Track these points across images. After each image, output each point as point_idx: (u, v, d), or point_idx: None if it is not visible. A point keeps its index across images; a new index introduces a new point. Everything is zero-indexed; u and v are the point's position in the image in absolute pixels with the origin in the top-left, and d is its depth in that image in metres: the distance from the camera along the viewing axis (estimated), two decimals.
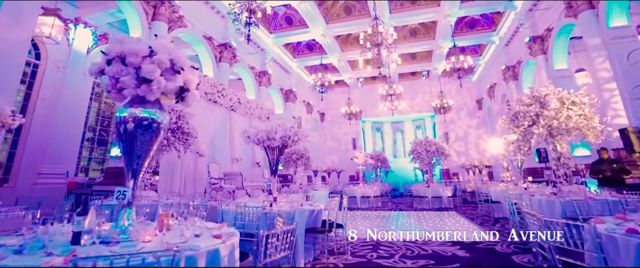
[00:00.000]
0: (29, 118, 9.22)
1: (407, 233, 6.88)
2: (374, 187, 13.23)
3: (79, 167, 10.88)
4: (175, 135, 6.43)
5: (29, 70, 9.34)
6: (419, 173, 21.91)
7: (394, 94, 15.67)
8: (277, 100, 17.40)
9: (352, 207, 12.42)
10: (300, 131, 5.51)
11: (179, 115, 6.52)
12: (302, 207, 4.81)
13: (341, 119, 21.74)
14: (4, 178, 8.83)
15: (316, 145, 21.94)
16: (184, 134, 6.62)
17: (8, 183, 8.85)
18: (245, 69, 13.88)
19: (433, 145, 12.39)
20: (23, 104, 9.24)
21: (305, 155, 13.63)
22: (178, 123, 6.48)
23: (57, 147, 9.55)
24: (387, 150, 24.89)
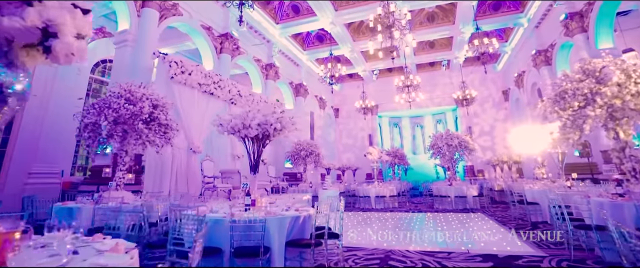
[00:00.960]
0: (20, 115, 8.64)
1: (426, 241, 5.65)
2: (390, 186, 11.95)
3: (76, 165, 10.28)
4: (150, 127, 5.50)
5: None
6: (440, 170, 20.35)
7: (411, 84, 14.30)
8: (287, 95, 16.41)
9: (366, 208, 11.23)
10: (284, 117, 4.42)
11: (154, 104, 5.59)
12: (284, 213, 3.72)
13: (356, 115, 20.49)
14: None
15: (330, 142, 20.83)
16: (161, 126, 5.68)
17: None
18: (250, 62, 12.96)
19: (455, 138, 10.97)
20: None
21: (315, 152, 12.56)
22: (153, 113, 5.55)
23: (50, 145, 8.93)
24: (405, 146, 23.41)
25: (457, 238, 5.81)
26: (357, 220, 8.25)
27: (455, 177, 11.28)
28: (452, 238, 5.85)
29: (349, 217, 8.85)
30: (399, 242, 5.64)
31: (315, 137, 18.70)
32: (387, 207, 11.23)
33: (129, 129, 5.24)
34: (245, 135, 4.33)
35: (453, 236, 6.02)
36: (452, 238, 5.85)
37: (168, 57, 7.58)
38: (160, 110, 5.76)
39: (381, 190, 11.37)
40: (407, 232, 6.53)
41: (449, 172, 11.61)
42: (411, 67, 18.03)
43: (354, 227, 7.21)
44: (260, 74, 13.47)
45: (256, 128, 4.21)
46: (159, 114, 5.60)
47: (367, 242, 5.62)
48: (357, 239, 5.83)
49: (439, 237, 5.94)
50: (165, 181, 7.50)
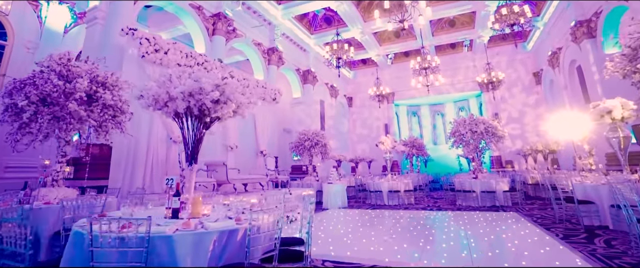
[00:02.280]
0: None
1: (445, 252, 4.21)
2: (405, 179, 10.42)
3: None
4: (93, 109, 4.35)
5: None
6: (464, 162, 18.49)
7: (428, 67, 12.59)
8: (294, 82, 15.10)
9: (377, 205, 9.79)
10: (229, 83, 3.10)
11: (94, 79, 4.41)
12: (212, 225, 2.41)
13: (371, 103, 18.92)
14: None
15: (343, 132, 19.41)
16: (107, 108, 4.52)
17: None
18: (249, 46, 11.72)
19: (481, 124, 9.27)
20: None
21: (321, 142, 11.22)
22: (98, 92, 4.38)
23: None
24: (425, 136, 21.60)
25: (485, 248, 4.33)
26: (362, 220, 6.87)
27: (481, 168, 9.60)
28: (480, 247, 4.37)
29: (353, 217, 7.48)
30: (408, 254, 4.23)
31: (327, 127, 17.33)
32: (401, 204, 9.75)
33: (62, 111, 4.10)
34: (175, 111, 3.05)
35: (480, 245, 4.53)
36: (480, 247, 4.37)
37: (138, 33, 6.45)
38: (109, 90, 4.59)
39: (395, 184, 9.89)
40: (421, 238, 5.08)
41: (474, 163, 9.93)
42: (429, 49, 16.18)
43: (355, 229, 5.84)
44: (261, 59, 12.21)
45: (184, 99, 2.92)
46: (104, 94, 4.43)
47: (365, 254, 4.24)
48: (352, 250, 4.47)
49: (462, 247, 4.46)
50: (137, 175, 6.42)
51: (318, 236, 5.24)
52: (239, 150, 9.36)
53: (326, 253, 4.23)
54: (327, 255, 4.13)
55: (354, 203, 10.42)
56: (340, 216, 7.63)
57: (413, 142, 15.10)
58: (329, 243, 4.82)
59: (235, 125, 9.10)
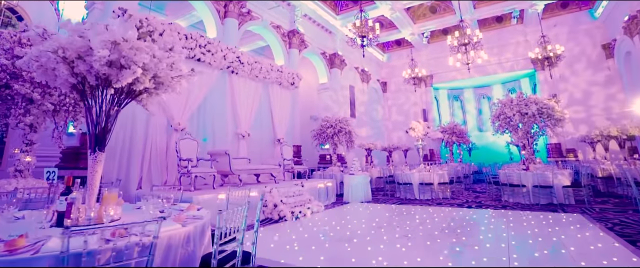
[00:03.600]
0: None
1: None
2: (440, 170, 8.99)
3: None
4: (50, 92, 3.75)
5: None
6: (515, 150, 16.21)
7: (469, 42, 10.77)
8: (320, 67, 14.05)
9: (407, 199, 8.55)
10: (136, 42, 2.18)
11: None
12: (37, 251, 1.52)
13: (407, 88, 17.26)
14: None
15: (377, 119, 18.02)
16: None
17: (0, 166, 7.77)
18: (266, 28, 10.86)
19: (532, 104, 7.51)
20: None
21: (345, 129, 10.13)
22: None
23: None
24: (469, 122, 19.43)
25: (535, 262, 3.03)
26: (381, 217, 5.73)
27: (533, 158, 7.86)
28: (527, 261, 3.08)
29: (372, 213, 6.36)
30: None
31: (357, 114, 16.09)
32: (434, 198, 8.39)
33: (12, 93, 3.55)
34: (72, 83, 2.19)
35: (528, 256, 3.23)
36: (527, 261, 3.08)
37: (129, 12, 5.85)
38: None
39: (427, 176, 8.53)
40: (447, 244, 3.87)
41: (524, 151, 8.18)
42: (471, 23, 14.08)
43: (366, 229, 4.74)
44: (281, 43, 11.32)
45: (66, 62, 2.03)
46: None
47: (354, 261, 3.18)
48: (340, 258, 3.42)
49: (499, 259, 3.19)
50: (134, 166, 5.92)
51: (312, 236, 4.26)
52: (254, 138, 8.63)
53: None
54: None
55: (381, 196, 9.26)
56: (356, 211, 6.55)
57: (452, 129, 13.33)
58: (311, 249, 3.83)
59: (248, 111, 8.36)
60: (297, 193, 6.78)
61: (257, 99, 8.72)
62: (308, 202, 6.74)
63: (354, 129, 11.08)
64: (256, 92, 8.70)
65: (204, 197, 5.06)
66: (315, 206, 6.64)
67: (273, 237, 4.48)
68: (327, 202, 8.00)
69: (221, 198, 5.17)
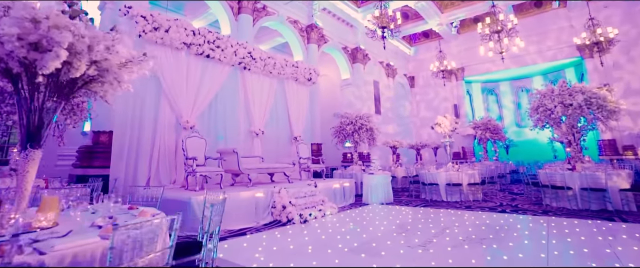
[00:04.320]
0: None
1: None
2: (471, 169, 8.12)
3: None
4: None
5: None
6: (560, 146, 14.59)
7: (502, 29, 9.69)
8: (341, 62, 13.48)
9: (433, 200, 7.81)
10: (59, 20, 1.79)
11: None
12: None
13: (437, 82, 16.14)
14: (4, 161, 8.12)
15: (404, 116, 17.12)
16: None
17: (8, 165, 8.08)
18: (283, 24, 10.50)
19: (578, 94, 6.44)
20: None
21: (366, 126, 9.53)
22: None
23: None
24: (507, 117, 17.93)
25: None
26: (401, 222, 5.10)
27: (580, 156, 6.78)
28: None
29: (389, 216, 5.75)
30: None
31: (383, 110, 15.32)
32: (464, 200, 7.57)
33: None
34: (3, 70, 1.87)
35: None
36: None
37: (133, 10, 5.72)
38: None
39: (455, 176, 7.71)
40: (477, 257, 3.22)
41: (570, 148, 7.09)
42: (505, 9, 12.77)
43: (385, 236, 4.16)
44: (298, 38, 10.91)
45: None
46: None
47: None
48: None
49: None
50: (142, 165, 5.79)
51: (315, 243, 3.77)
52: (269, 136, 8.31)
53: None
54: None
55: (405, 197, 8.57)
56: (373, 214, 5.96)
57: (486, 124, 12.20)
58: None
59: (262, 108, 8.04)
60: (310, 194, 6.34)
61: (271, 96, 8.38)
62: (321, 203, 6.27)
63: (377, 125, 10.43)
64: (270, 88, 8.36)
65: (201, 198, 4.75)
66: (329, 208, 6.15)
67: (268, 243, 4.06)
68: (344, 203, 7.47)
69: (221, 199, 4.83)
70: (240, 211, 5.19)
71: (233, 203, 5.07)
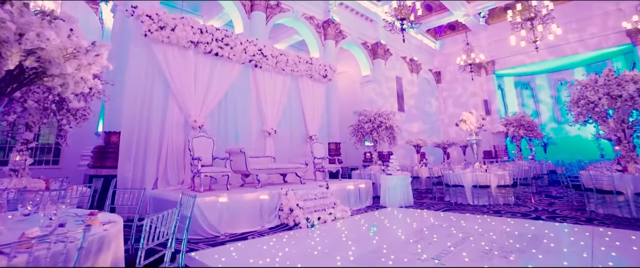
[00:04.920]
0: None
1: None
2: (500, 170, 7.34)
3: None
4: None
5: None
6: (607, 144, 13.10)
7: (535, 16, 8.75)
8: (361, 58, 12.94)
9: (458, 204, 7.15)
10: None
11: None
12: None
13: (465, 77, 15.17)
14: (54, 160, 8.41)
15: (430, 113, 16.25)
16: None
17: (58, 165, 8.38)
18: (298, 20, 10.17)
19: (631, 83, 5.51)
20: None
21: (385, 124, 9.00)
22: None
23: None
24: (544, 113, 16.51)
25: None
26: (418, 228, 4.57)
27: (633, 155, 5.83)
28: None
29: (411, 221, 5.21)
30: None
31: (406, 107, 14.59)
32: (493, 204, 6.84)
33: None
34: None
35: None
36: None
37: (138, 10, 5.63)
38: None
39: (482, 177, 6.99)
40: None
41: (619, 147, 6.13)
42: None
43: (397, 244, 3.68)
44: (314, 35, 10.55)
45: None
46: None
47: None
48: None
49: None
50: (149, 166, 5.70)
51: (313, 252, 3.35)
52: (283, 136, 8.02)
53: None
54: None
55: (428, 200, 7.94)
56: (389, 218, 5.45)
57: (519, 120, 11.15)
58: None
59: (274, 107, 7.77)
60: (320, 196, 5.94)
61: (284, 94, 8.09)
62: (332, 206, 5.86)
63: (400, 123, 9.84)
64: (283, 86, 8.07)
65: (206, 200, 4.51)
66: (340, 211, 5.72)
67: (267, 248, 3.71)
68: (360, 205, 7.00)
69: (222, 201, 4.58)
70: (244, 214, 4.91)
71: (237, 205, 4.81)
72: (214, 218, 4.47)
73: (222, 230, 4.49)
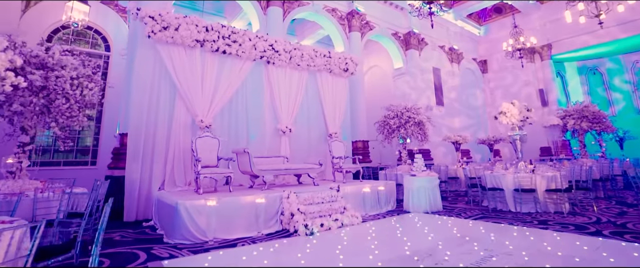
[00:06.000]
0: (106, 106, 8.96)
1: None
2: (550, 171, 6.06)
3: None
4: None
5: (101, 62, 9.06)
6: None
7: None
8: (392, 50, 11.98)
9: (497, 211, 6.09)
10: None
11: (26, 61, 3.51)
12: None
13: (515, 64, 13.32)
14: (92, 161, 8.94)
15: (475, 106, 14.63)
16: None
17: (95, 165, 8.90)
18: (319, 13, 9.62)
19: None
20: (101, 94, 9.02)
21: (414, 120, 8.13)
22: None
23: None
24: (618, 103, 13.85)
25: None
26: (435, 241, 3.79)
27: None
28: None
29: (430, 231, 4.41)
30: None
31: (446, 101, 13.26)
32: (539, 212, 5.66)
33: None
34: None
35: None
36: None
37: (142, 11, 5.57)
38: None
39: (526, 179, 5.82)
40: None
41: None
42: None
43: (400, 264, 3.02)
44: (338, 27, 9.91)
45: None
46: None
47: None
48: None
49: None
50: (157, 167, 5.63)
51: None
52: (300, 134, 7.56)
53: None
54: None
55: (463, 204, 6.95)
56: (406, 228, 4.69)
57: (581, 111, 9.31)
58: None
59: (290, 104, 7.35)
60: (329, 200, 5.37)
61: (301, 90, 7.62)
62: (340, 211, 5.25)
63: (437, 118, 8.83)
64: (300, 82, 7.61)
65: (195, 203, 4.21)
66: (348, 217, 5.09)
67: (248, 259, 3.26)
68: (378, 210, 6.26)
69: (210, 205, 4.24)
70: (240, 218, 4.53)
71: (230, 209, 4.45)
72: (203, 222, 4.16)
73: (211, 236, 4.16)
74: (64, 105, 3.80)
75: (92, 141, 8.63)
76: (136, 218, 5.40)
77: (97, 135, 8.98)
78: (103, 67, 9.08)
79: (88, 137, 8.73)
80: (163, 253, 3.74)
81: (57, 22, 8.29)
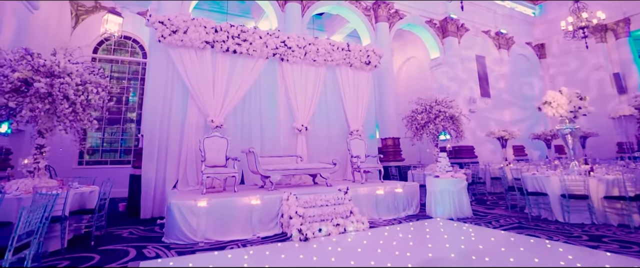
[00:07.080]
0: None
1: None
2: (611, 174, 4.86)
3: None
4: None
5: (139, 68, 9.75)
6: None
7: None
8: (428, 40, 10.96)
9: (539, 220, 5.12)
10: None
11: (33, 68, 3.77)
12: None
13: (581, 45, 11.30)
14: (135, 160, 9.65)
15: (529, 97, 12.81)
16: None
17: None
18: (342, 6, 9.09)
19: None
20: (141, 99, 9.72)
21: (445, 114, 7.35)
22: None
23: None
24: None
25: None
26: (448, 250, 3.19)
27: None
28: None
29: (448, 244, 3.79)
30: None
31: (494, 92, 11.78)
32: (595, 224, 4.57)
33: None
34: None
35: None
36: None
37: (152, 18, 5.72)
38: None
39: (576, 183, 4.75)
40: None
41: None
42: None
43: None
44: (362, 18, 9.30)
45: None
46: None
47: None
48: None
49: None
50: (170, 167, 5.77)
51: None
52: (318, 132, 7.20)
53: None
54: None
55: (502, 210, 6.00)
56: (416, 238, 4.08)
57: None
58: None
59: (307, 102, 7.03)
60: (333, 202, 4.96)
61: (318, 87, 7.27)
62: (345, 215, 4.81)
63: (483, 111, 7.83)
64: (317, 78, 7.26)
65: (187, 203, 4.15)
66: (353, 223, 4.63)
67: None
68: (396, 214, 5.64)
69: (201, 206, 4.13)
70: (236, 220, 4.37)
71: (224, 210, 4.31)
72: (195, 223, 4.08)
73: (201, 237, 4.06)
74: (67, 110, 3.98)
75: (134, 142, 9.31)
76: (152, 215, 5.59)
77: (138, 136, 9.68)
78: (141, 72, 9.74)
79: (131, 138, 9.46)
80: (152, 252, 3.72)
81: (102, 35, 9.10)
